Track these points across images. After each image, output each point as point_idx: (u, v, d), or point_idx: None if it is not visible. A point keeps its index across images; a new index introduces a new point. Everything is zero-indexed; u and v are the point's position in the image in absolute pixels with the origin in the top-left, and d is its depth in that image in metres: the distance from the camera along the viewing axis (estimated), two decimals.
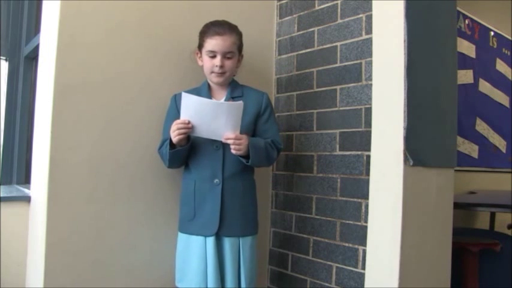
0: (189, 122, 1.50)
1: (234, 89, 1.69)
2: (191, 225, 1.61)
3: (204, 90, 1.68)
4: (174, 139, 1.52)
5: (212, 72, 1.62)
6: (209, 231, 1.56)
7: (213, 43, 1.60)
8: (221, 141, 1.55)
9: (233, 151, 1.52)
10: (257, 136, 1.66)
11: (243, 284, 1.59)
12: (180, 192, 1.71)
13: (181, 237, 1.64)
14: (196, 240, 1.58)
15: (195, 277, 1.56)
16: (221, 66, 1.60)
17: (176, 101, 1.65)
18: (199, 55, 1.68)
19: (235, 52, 1.64)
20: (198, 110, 1.49)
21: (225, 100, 1.65)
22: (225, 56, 1.61)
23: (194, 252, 1.58)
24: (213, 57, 1.61)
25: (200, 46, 1.66)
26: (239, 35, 1.67)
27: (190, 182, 1.63)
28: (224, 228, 1.57)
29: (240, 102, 1.49)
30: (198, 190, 1.61)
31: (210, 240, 1.55)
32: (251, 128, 1.65)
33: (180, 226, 1.66)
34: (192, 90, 1.69)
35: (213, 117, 1.48)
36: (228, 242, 1.57)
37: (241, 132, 1.53)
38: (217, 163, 1.59)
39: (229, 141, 1.50)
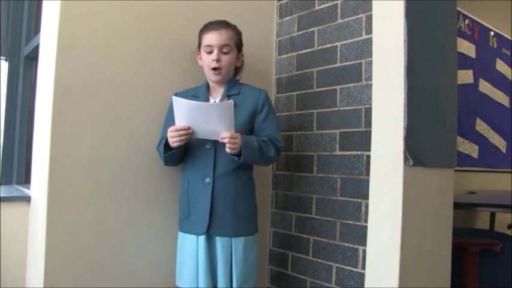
0: (189, 128, 1.50)
1: (231, 87, 1.68)
2: (186, 224, 1.62)
3: (203, 89, 1.68)
4: (174, 145, 1.53)
5: (210, 69, 1.63)
6: (200, 230, 1.56)
7: (209, 38, 1.62)
8: (213, 141, 1.56)
9: (228, 149, 1.52)
10: (255, 134, 1.65)
11: (234, 285, 1.58)
12: (178, 192, 1.71)
13: (180, 235, 1.66)
14: (190, 239, 1.59)
15: (188, 276, 1.58)
16: (217, 60, 1.60)
17: None
18: (199, 55, 1.69)
19: (233, 47, 1.64)
20: (190, 112, 1.49)
21: (221, 98, 1.65)
22: (222, 50, 1.61)
23: (188, 250, 1.59)
24: (210, 52, 1.62)
25: (199, 45, 1.68)
26: (236, 31, 1.68)
27: (185, 181, 1.65)
28: (215, 227, 1.56)
29: (230, 102, 1.48)
30: (191, 189, 1.62)
31: (202, 239, 1.56)
32: (248, 126, 1.64)
33: (178, 225, 1.67)
34: (190, 89, 1.70)
35: (205, 118, 1.48)
36: (219, 242, 1.57)
37: (236, 131, 1.52)
38: (209, 162, 1.59)
39: (224, 141, 1.50)
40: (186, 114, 1.49)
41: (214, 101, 1.66)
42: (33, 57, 2.28)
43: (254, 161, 1.63)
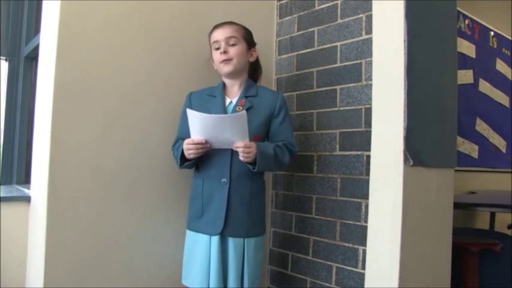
0: (206, 142, 1.51)
1: (249, 88, 1.68)
2: (198, 223, 1.61)
3: (219, 89, 1.68)
4: (190, 156, 1.54)
5: (220, 62, 1.64)
6: (214, 230, 1.56)
7: (215, 34, 1.66)
8: None
9: (242, 158, 1.52)
10: (270, 137, 1.66)
11: (245, 284, 1.58)
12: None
13: (189, 234, 1.65)
14: (201, 239, 1.58)
15: (198, 275, 1.57)
16: (225, 52, 1.62)
17: (191, 99, 1.68)
18: (213, 60, 1.71)
19: (239, 39, 1.65)
20: (204, 124, 1.49)
21: (238, 99, 1.64)
22: (228, 43, 1.63)
23: (199, 250, 1.58)
24: (218, 48, 1.64)
25: (210, 48, 1.69)
26: (243, 27, 1.69)
27: (199, 181, 1.63)
28: (229, 228, 1.56)
29: (243, 112, 1.48)
30: (206, 189, 1.60)
31: (215, 240, 1.55)
32: (263, 128, 1.64)
33: (188, 224, 1.66)
34: (206, 89, 1.70)
35: (219, 130, 1.49)
36: (232, 243, 1.57)
37: (253, 133, 1.52)
38: (225, 163, 1.58)
39: (238, 150, 1.51)
40: (200, 126, 1.50)
41: (231, 101, 1.65)
42: (33, 57, 2.28)
43: (269, 169, 1.64)
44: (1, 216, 1.72)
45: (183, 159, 1.57)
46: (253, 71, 1.77)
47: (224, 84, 1.70)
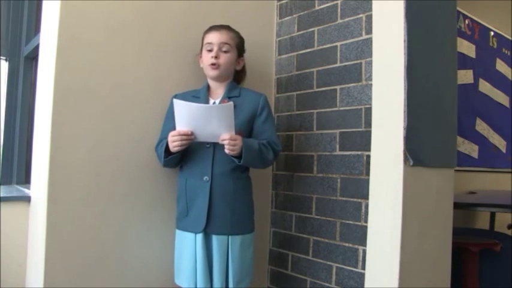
0: (191, 133, 1.51)
1: (232, 89, 1.70)
2: (184, 222, 1.63)
3: (203, 91, 1.70)
4: (174, 149, 1.54)
5: (208, 65, 1.66)
6: (197, 228, 1.57)
7: (210, 36, 1.67)
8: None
9: (227, 151, 1.53)
10: (254, 136, 1.67)
11: (230, 284, 1.58)
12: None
13: (177, 233, 1.66)
14: (188, 237, 1.60)
15: (186, 275, 1.58)
16: (216, 57, 1.64)
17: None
18: (201, 58, 1.72)
19: (232, 47, 1.67)
20: (191, 115, 1.50)
21: (221, 99, 1.66)
22: (221, 48, 1.65)
23: (186, 249, 1.60)
24: (210, 50, 1.66)
25: (202, 46, 1.70)
26: (238, 35, 1.71)
27: (182, 179, 1.66)
28: (212, 225, 1.57)
29: (230, 103, 1.50)
30: (189, 187, 1.62)
31: (199, 237, 1.56)
32: (246, 127, 1.65)
33: (176, 223, 1.68)
34: (191, 91, 1.72)
35: (206, 120, 1.49)
36: (216, 240, 1.57)
37: (236, 130, 1.53)
38: (207, 161, 1.60)
39: (224, 142, 1.51)
40: (187, 117, 1.50)
41: (214, 102, 1.67)
42: (33, 57, 2.28)
43: (253, 164, 1.64)
44: (1, 216, 1.72)
45: (167, 154, 1.58)
46: (238, 75, 1.78)
47: (208, 87, 1.72)
